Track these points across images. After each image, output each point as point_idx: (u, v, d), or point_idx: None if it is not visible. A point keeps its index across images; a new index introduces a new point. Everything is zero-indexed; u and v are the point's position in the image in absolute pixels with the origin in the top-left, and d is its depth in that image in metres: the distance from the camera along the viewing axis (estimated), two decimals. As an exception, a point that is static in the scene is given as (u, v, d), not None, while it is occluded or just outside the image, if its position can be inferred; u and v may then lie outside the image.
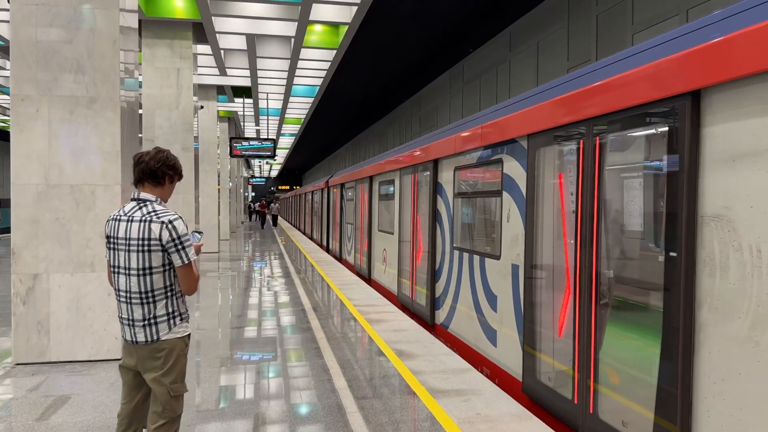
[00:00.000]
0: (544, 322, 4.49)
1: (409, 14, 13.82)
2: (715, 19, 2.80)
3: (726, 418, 2.63)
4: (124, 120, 5.86)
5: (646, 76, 3.13)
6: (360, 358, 5.81)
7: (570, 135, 4.04)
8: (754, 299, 2.50)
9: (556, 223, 4.28)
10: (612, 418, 3.51)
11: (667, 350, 2.96)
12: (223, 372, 5.39)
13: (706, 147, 2.76)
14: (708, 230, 2.74)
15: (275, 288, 10.71)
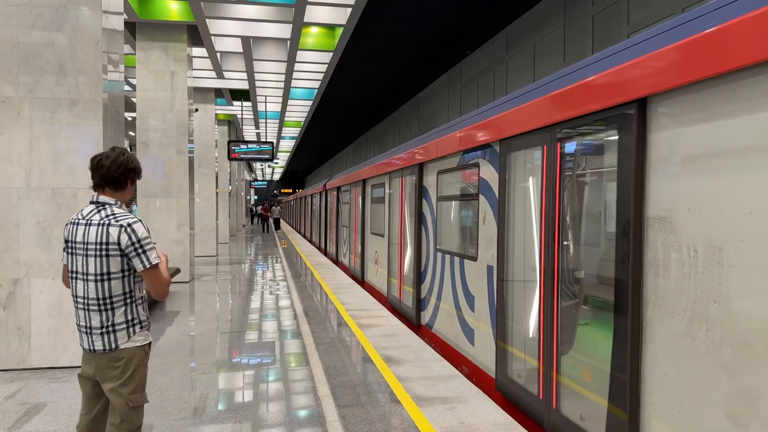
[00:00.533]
0: (513, 321, 4.65)
1: (405, 16, 13.73)
2: (659, 31, 2.95)
3: (669, 411, 2.76)
4: (107, 122, 5.77)
5: (599, 84, 3.28)
6: (347, 365, 5.69)
7: (536, 140, 4.19)
8: (691, 297, 2.65)
9: (524, 225, 4.44)
10: (571, 412, 3.65)
11: (619, 347, 3.09)
12: (204, 378, 5.28)
13: (651, 152, 2.91)
14: (653, 232, 2.89)
15: (269, 292, 10.61)
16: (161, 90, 11.56)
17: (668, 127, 2.80)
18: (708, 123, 2.54)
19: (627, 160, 3.03)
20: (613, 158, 3.22)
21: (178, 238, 11.54)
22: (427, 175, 7.21)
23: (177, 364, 5.77)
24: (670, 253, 2.77)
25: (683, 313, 2.69)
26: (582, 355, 3.56)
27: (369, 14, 12.75)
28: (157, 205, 11.44)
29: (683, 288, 2.69)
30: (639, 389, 2.92)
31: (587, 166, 3.59)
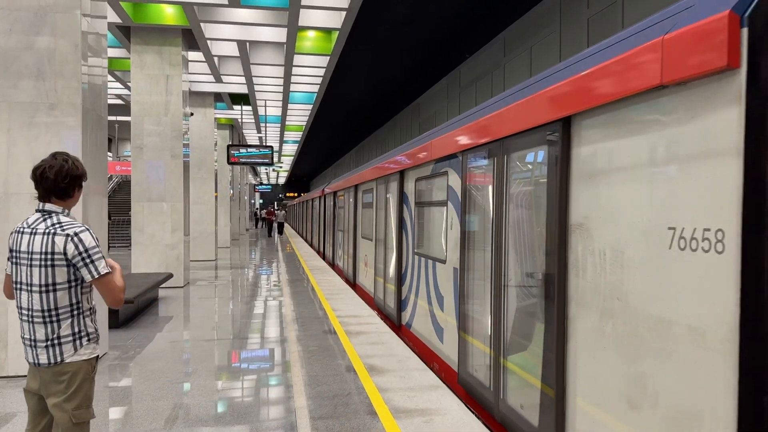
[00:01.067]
0: (471, 319, 5.04)
1: (403, 20, 13.65)
2: (584, 56, 3.31)
3: (588, 400, 3.08)
4: (87, 126, 5.71)
5: (535, 104, 3.62)
6: (329, 374, 5.58)
7: (488, 152, 4.60)
8: (601, 295, 2.96)
9: (481, 230, 4.82)
10: (514, 402, 4.02)
11: (548, 342, 3.44)
12: (180, 388, 5.18)
13: (573, 165, 3.25)
14: (574, 237, 3.22)
15: (262, 298, 10.52)
16: (156, 94, 11.52)
17: (584, 144, 3.15)
18: (610, 141, 2.92)
19: (555, 172, 3.38)
20: (545, 170, 3.56)
21: (172, 243, 11.47)
22: (407, 181, 7.56)
23: (155, 372, 5.68)
24: (587, 256, 3.10)
25: (596, 309, 3.01)
26: (522, 348, 3.92)
27: (364, 18, 12.69)
28: (151, 209, 11.38)
29: (596, 287, 3.02)
30: (564, 380, 3.28)
31: (526, 177, 3.94)
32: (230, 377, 5.52)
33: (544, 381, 3.48)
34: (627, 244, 2.78)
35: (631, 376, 2.71)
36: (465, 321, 5.15)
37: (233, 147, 18.51)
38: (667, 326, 2.50)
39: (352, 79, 19.43)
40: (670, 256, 2.48)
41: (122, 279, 2.76)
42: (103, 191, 6.18)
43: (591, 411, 3.01)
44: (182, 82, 11.72)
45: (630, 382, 2.71)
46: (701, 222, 2.31)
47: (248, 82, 16.02)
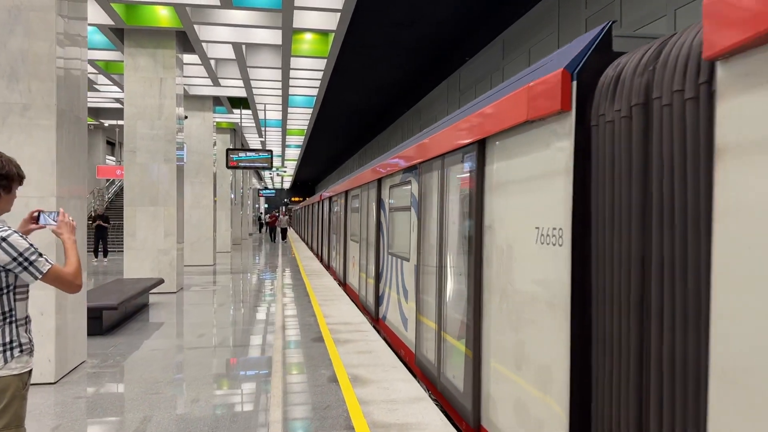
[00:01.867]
0: (423, 306, 5.79)
1: (401, 22, 13.48)
2: (494, 92, 4.09)
3: (495, 370, 3.83)
4: (63, 128, 5.55)
5: (463, 127, 4.45)
6: (310, 385, 5.37)
7: (435, 165, 5.39)
8: (501, 281, 3.72)
9: (430, 231, 5.53)
10: (450, 374, 4.78)
11: (471, 322, 4.20)
12: (153, 399, 4.98)
13: (486, 179, 4.03)
14: (486, 236, 4.00)
15: (254, 303, 10.33)
16: (149, 97, 11.38)
17: (491, 162, 3.94)
18: (503, 161, 3.74)
19: (474, 183, 4.13)
20: (469, 182, 4.30)
21: (165, 248, 11.31)
22: (383, 189, 8.35)
23: (131, 382, 5.49)
24: (493, 251, 3.87)
25: (498, 292, 3.78)
26: (455, 329, 4.70)
27: (360, 20, 12.54)
28: (143, 213, 11.23)
29: (498, 275, 3.78)
30: (480, 355, 4.09)
31: (456, 186, 4.69)
32: (207, 388, 5.32)
33: (467, 350, 4.29)
34: (513, 240, 3.57)
35: (516, 341, 3.50)
36: (420, 309, 5.96)
37: (232, 151, 18.38)
38: (534, 301, 3.26)
39: (352, 82, 19.27)
40: (536, 248, 3.26)
41: (76, 259, 2.58)
42: (81, 194, 6.01)
43: (499, 369, 3.78)
44: (176, 85, 11.58)
45: (516, 346, 3.50)
46: (551, 223, 3.06)
47: (246, 86, 15.88)
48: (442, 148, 5.00)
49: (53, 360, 5.36)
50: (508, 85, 3.85)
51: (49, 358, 5.34)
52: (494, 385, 3.85)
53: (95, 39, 12.65)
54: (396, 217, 7.42)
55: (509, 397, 3.60)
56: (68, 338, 5.68)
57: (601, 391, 2.62)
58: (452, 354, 4.75)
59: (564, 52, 3.19)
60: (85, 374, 5.74)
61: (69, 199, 5.69)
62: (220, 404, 4.87)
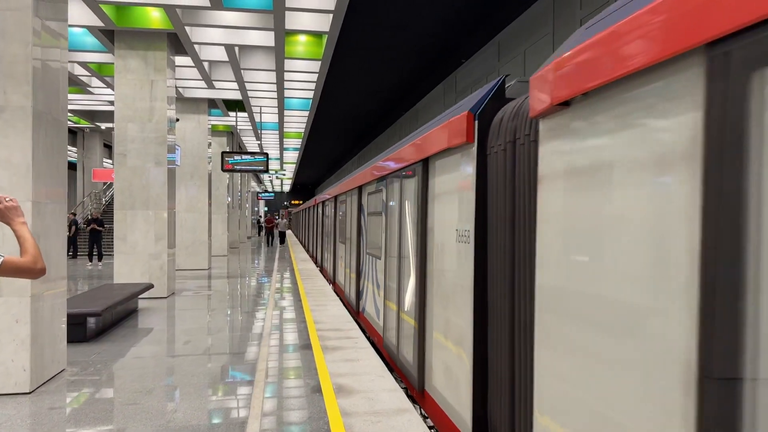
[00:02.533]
0: (387, 297, 6.80)
1: (396, 24, 13.33)
2: (434, 122, 5.08)
3: (434, 339, 4.78)
4: (40, 131, 5.40)
5: (413, 147, 5.44)
6: (292, 396, 5.21)
7: (396, 177, 6.36)
8: (438, 271, 4.69)
9: (393, 232, 6.49)
10: (404, 350, 5.76)
11: (418, 304, 5.13)
12: (128, 410, 4.82)
13: (429, 190, 4.98)
14: (429, 236, 4.94)
15: (244, 309, 10.17)
16: (140, 99, 11.24)
17: (433, 177, 4.89)
18: (437, 177, 4.77)
19: (420, 193, 5.11)
20: (417, 192, 5.23)
21: (156, 252, 11.16)
22: (363, 195, 9.37)
23: (108, 391, 5.34)
24: (433, 248, 4.82)
25: (437, 279, 4.70)
26: (408, 313, 5.60)
27: (354, 22, 12.40)
28: (134, 217, 11.08)
29: (436, 266, 4.75)
30: (425, 323, 5.04)
31: (410, 196, 5.60)
32: (186, 398, 5.16)
33: (416, 328, 5.19)
34: (443, 239, 4.52)
35: (446, 317, 4.47)
36: (386, 297, 6.92)
37: (227, 154, 18.22)
38: (455, 286, 4.22)
39: (348, 85, 19.12)
40: (455, 245, 4.21)
41: (30, 241, 2.39)
42: (59, 198, 5.86)
43: (438, 338, 4.68)
44: (168, 87, 11.44)
45: (446, 321, 4.45)
46: (464, 226, 4.03)
47: (241, 88, 15.74)
48: (400, 164, 6.02)
49: (28, 369, 5.20)
50: (444, 115, 4.84)
51: (24, 367, 5.19)
52: (433, 353, 4.80)
53: (87, 41, 12.53)
54: (371, 220, 8.41)
55: (442, 363, 4.57)
56: (45, 346, 5.53)
57: (493, 346, 3.66)
58: (405, 331, 5.73)
59: (473, 97, 4.26)
60: (63, 383, 5.58)
61: (46, 203, 5.54)
62: (198, 416, 4.70)
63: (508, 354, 3.36)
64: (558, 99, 2.53)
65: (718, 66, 1.65)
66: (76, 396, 5.22)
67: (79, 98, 18.21)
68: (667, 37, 1.81)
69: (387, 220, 6.89)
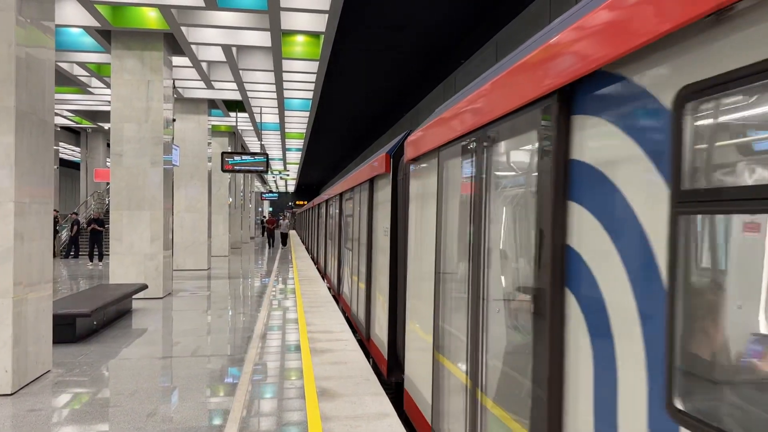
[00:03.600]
0: (358, 279, 8.81)
1: (394, 25, 13.28)
2: (379, 152, 7.77)
3: (375, 298, 7.16)
4: (24, 131, 5.38)
5: (364, 169, 7.79)
6: (275, 399, 5.16)
7: (364, 187, 8.07)
8: (376, 256, 7.26)
9: (353, 231, 8.83)
10: (378, 335, 7.15)
11: (385, 295, 6.56)
12: (108, 412, 4.79)
13: (374, 201, 7.37)
14: (373, 234, 7.38)
15: (238, 310, 10.14)
16: (137, 99, 11.23)
17: (377, 191, 7.10)
18: (377, 192, 7.19)
19: (368, 203, 7.46)
20: (370, 201, 7.50)
21: (152, 253, 11.14)
22: (343, 200, 11.68)
23: (90, 393, 5.30)
24: (378, 241, 7.08)
25: (376, 262, 7.22)
26: (378, 289, 7.20)
27: (351, 22, 12.35)
28: (130, 218, 11.06)
29: (375, 254, 7.18)
30: (371, 287, 7.37)
31: (365, 205, 7.65)
32: (167, 401, 5.12)
33: (390, 302, 6.39)
34: (379, 236, 6.78)
35: (379, 287, 7.02)
36: (356, 282, 8.98)
37: (227, 155, 18.22)
38: (383, 267, 6.65)
39: (348, 85, 19.08)
40: (384, 239, 6.55)
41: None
42: (46, 199, 5.83)
43: (377, 297, 7.01)
44: (164, 87, 11.43)
45: (379, 289, 6.92)
46: (386, 225, 6.37)
47: (240, 89, 15.73)
48: (357, 181, 8.53)
49: (10, 370, 5.17)
50: (382, 150, 7.21)
51: (6, 368, 5.16)
52: (374, 310, 7.18)
53: (86, 41, 12.54)
54: (349, 221, 10.59)
55: (381, 319, 6.88)
56: (29, 347, 5.50)
57: (398, 294, 5.95)
58: (359, 295, 8.12)
59: (395, 141, 6.62)
60: (47, 385, 5.55)
61: (31, 203, 5.51)
62: (177, 419, 4.66)
63: (402, 298, 5.63)
64: (411, 156, 4.98)
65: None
66: (59, 398, 5.19)
67: (81, 98, 18.26)
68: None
69: (353, 222, 9.71)
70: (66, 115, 22.08)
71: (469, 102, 3.35)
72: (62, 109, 20.63)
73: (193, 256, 17.14)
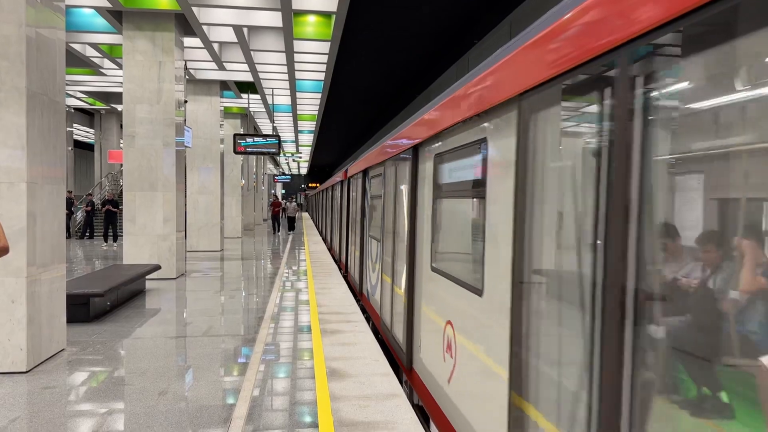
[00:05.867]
0: (352, 252, 10.62)
1: (407, 4, 13.10)
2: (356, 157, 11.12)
3: (369, 270, 8.83)
4: (35, 112, 5.39)
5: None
6: (284, 378, 5.20)
7: (361, 176, 9.85)
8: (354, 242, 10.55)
9: (354, 219, 10.71)
10: (365, 285, 8.69)
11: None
12: (119, 390, 4.85)
13: (350, 195, 10.99)
14: (365, 232, 8.81)
15: (250, 291, 10.21)
16: (148, 81, 11.23)
17: (352, 191, 10.54)
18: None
19: (343, 197, 11.13)
20: (343, 195, 10.82)
21: (164, 234, 11.22)
22: (352, 186, 12.21)
23: (101, 373, 5.38)
24: (357, 230, 9.86)
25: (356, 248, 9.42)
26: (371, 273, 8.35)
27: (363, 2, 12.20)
28: (143, 199, 11.14)
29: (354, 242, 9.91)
30: (364, 275, 8.66)
31: (343, 196, 10.39)
32: (178, 380, 5.18)
33: (374, 283, 7.26)
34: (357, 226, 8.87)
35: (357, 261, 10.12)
36: (355, 254, 10.69)
37: (240, 136, 18.23)
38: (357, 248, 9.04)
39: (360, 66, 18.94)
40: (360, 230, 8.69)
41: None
42: (58, 179, 5.87)
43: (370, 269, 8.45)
44: (176, 68, 11.41)
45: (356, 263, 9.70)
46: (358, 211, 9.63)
47: (252, 70, 15.66)
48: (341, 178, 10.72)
49: (24, 348, 5.26)
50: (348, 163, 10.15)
51: (21, 347, 5.24)
52: (367, 280, 7.86)
53: (97, 22, 12.53)
54: (347, 209, 12.39)
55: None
56: (43, 326, 5.58)
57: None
58: (369, 275, 8.73)
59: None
60: (61, 363, 5.64)
61: (43, 184, 5.55)
62: (188, 398, 4.71)
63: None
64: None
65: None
66: (73, 376, 5.27)
67: (94, 80, 18.31)
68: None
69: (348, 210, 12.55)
70: (79, 97, 22.17)
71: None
72: (75, 91, 20.71)
73: (206, 237, 17.26)
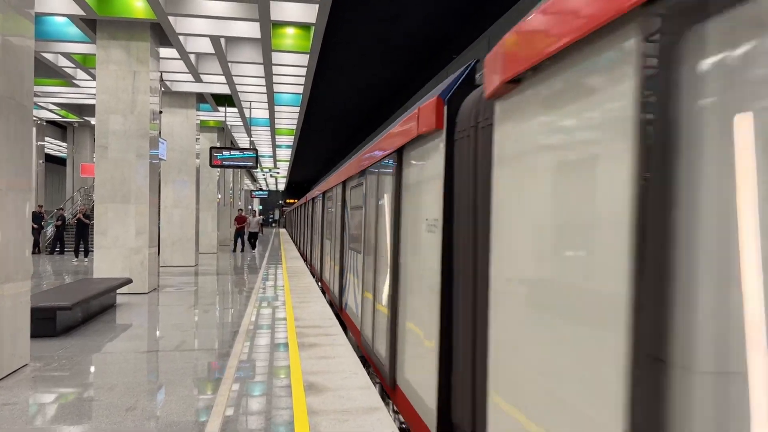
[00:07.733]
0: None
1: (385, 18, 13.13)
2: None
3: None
4: (1, 115, 5.17)
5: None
6: (260, 393, 5.00)
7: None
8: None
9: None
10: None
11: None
12: (84, 407, 4.60)
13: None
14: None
15: (226, 305, 9.95)
16: (122, 91, 11.00)
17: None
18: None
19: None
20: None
21: (137, 247, 10.92)
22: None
23: (66, 387, 5.11)
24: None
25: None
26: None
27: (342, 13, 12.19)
28: (115, 211, 10.84)
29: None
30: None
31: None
32: (148, 395, 4.94)
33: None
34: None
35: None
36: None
37: (216, 149, 17.99)
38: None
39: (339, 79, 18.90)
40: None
41: None
42: (24, 187, 5.63)
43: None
44: (151, 79, 11.20)
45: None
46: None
47: (229, 82, 15.49)
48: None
49: None
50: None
51: None
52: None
53: (70, 31, 12.28)
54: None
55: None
56: (4, 341, 5.30)
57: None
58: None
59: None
60: (23, 378, 5.35)
61: (7, 191, 5.31)
62: (157, 415, 4.49)
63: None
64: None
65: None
66: (34, 392, 5.00)
67: (66, 91, 17.94)
68: None
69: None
70: (51, 109, 21.71)
71: None
72: (47, 102, 20.27)
73: (180, 252, 16.90)
